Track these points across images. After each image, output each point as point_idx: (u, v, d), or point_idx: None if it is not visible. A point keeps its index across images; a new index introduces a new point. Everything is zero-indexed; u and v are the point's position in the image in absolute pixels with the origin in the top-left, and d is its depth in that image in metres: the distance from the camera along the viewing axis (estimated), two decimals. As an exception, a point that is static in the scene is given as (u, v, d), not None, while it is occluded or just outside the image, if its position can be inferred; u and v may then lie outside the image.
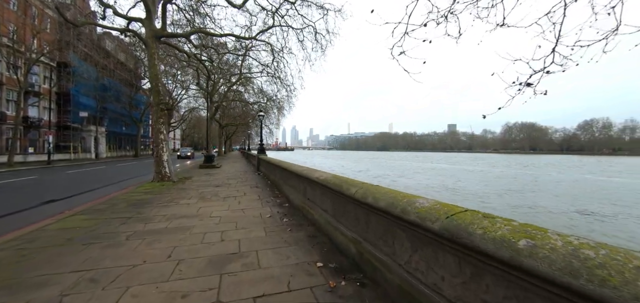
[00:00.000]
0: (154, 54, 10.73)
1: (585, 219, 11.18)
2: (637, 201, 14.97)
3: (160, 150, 10.37)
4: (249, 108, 41.57)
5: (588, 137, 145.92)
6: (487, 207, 12.30)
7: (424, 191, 17.29)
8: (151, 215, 5.20)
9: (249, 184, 9.63)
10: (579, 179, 25.42)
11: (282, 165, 7.30)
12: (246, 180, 10.95)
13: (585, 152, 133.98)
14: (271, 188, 8.52)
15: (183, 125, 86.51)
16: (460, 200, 13.77)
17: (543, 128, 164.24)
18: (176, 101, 58.81)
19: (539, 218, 11.22)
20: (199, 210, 5.64)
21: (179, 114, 71.93)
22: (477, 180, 24.15)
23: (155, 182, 9.95)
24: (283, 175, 7.33)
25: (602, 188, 19.58)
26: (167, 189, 8.46)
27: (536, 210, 12.69)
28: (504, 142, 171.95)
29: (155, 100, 10.59)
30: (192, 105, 59.59)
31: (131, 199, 6.92)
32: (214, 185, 9.34)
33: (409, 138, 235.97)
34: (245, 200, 6.73)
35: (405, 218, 2.00)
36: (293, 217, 5.03)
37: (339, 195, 3.36)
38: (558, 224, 10.29)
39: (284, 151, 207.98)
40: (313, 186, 4.51)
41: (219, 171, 15.08)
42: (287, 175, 6.73)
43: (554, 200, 14.83)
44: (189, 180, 10.74)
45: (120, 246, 3.57)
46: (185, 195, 7.46)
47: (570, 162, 59.63)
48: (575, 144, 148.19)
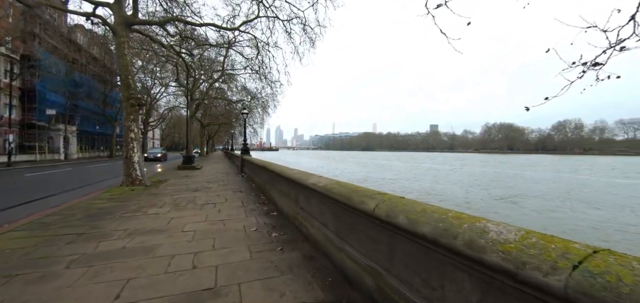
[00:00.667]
0: (123, 43, 9.59)
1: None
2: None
3: (130, 150, 9.25)
4: (232, 107, 40.21)
5: (561, 137, 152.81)
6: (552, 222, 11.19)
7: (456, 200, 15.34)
8: (109, 230, 4.25)
9: (232, 188, 8.71)
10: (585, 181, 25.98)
11: (269, 167, 6.46)
12: (228, 183, 10.01)
13: (559, 152, 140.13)
14: (256, 193, 7.65)
15: (163, 125, 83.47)
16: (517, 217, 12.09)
17: (520, 128, 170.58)
18: (155, 99, 56.55)
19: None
20: (170, 222, 4.72)
21: (158, 112, 69.27)
22: (494, 184, 24.00)
23: (124, 186, 8.84)
24: (270, 178, 6.50)
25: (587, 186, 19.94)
26: (136, 195, 7.42)
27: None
28: (484, 142, 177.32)
29: (125, 94, 9.46)
30: (172, 104, 57.42)
31: (91, 208, 5.89)
32: (191, 190, 8.36)
33: (392, 138, 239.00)
34: (227, 207, 5.85)
35: (476, 257, 1.27)
36: (284, 230, 4.23)
37: (345, 208, 2.60)
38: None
39: (269, 151, 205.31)
40: (308, 194, 3.73)
41: (199, 173, 13.98)
42: (275, 178, 5.92)
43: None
44: (164, 184, 9.67)
45: (54, 279, 2.66)
46: (157, 202, 6.49)
47: (550, 161, 61.79)
48: (550, 143, 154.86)
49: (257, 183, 8.84)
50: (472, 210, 12.40)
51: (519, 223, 1.57)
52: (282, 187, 5.33)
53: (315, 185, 3.32)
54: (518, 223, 1.48)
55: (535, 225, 8.06)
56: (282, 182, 5.21)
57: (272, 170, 6.04)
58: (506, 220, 1.83)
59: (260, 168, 8.29)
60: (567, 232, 9.17)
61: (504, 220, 1.73)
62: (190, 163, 16.52)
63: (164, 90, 50.86)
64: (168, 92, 49.84)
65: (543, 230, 1.28)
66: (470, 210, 12.56)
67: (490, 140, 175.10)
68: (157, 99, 57.66)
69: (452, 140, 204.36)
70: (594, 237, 9.07)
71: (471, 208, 13.03)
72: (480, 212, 12.27)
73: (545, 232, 1.23)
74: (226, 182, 10.37)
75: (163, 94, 53.36)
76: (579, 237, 6.84)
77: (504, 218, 10.98)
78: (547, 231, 1.27)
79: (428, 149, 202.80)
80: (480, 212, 12.29)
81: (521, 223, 1.73)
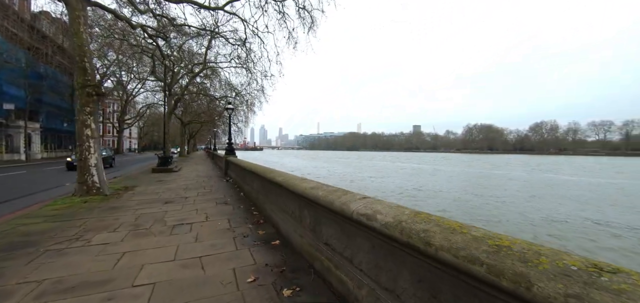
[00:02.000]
0: (78, 17, 7.70)
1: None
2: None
3: (85, 151, 7.39)
4: (214, 104, 37.98)
5: (538, 138, 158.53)
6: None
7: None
8: (11, 285, 2.58)
9: (214, 198, 7.05)
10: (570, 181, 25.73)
11: (265, 174, 4.89)
12: (210, 190, 8.32)
13: (535, 152, 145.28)
14: (246, 206, 6.05)
15: (140, 123, 79.24)
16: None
17: (500, 129, 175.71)
18: (131, 95, 52.99)
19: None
20: (118, 262, 3.08)
21: (135, 109, 65.26)
22: (498, 185, 23.28)
23: (76, 196, 7.00)
24: (266, 189, 4.95)
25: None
26: (87, 210, 5.65)
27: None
28: (465, 142, 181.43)
29: (79, 81, 7.58)
30: (149, 101, 54.10)
31: (14, 232, 4.15)
32: (163, 201, 6.63)
33: (377, 138, 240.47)
34: (208, 231, 4.23)
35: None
36: (299, 279, 2.69)
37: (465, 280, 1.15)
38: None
39: (253, 151, 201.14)
40: (350, 229, 2.21)
41: (176, 177, 12.13)
42: (274, 191, 4.37)
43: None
44: (129, 192, 7.86)
45: None
46: (111, 222, 4.77)
47: (532, 161, 63.04)
48: (527, 144, 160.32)
49: (247, 191, 7.22)
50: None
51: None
52: (286, 202, 3.80)
53: (369, 220, 1.82)
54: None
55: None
56: (289, 199, 3.68)
57: (269, 179, 4.47)
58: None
59: (250, 173, 6.68)
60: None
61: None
62: (166, 165, 14.58)
63: (141, 85, 47.79)
64: (146, 87, 46.78)
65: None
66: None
67: (471, 140, 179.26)
68: (134, 95, 54.21)
69: (434, 141, 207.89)
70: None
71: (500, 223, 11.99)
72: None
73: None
74: (208, 188, 8.67)
75: (140, 89, 50.16)
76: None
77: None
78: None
79: (411, 149, 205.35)
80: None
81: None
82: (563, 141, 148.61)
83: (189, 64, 24.27)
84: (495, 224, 10.56)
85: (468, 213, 12.15)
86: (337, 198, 2.34)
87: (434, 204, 13.97)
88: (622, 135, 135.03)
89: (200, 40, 22.66)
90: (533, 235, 9.35)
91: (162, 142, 71.88)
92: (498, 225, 10.54)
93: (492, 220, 11.02)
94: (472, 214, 11.89)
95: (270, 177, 4.42)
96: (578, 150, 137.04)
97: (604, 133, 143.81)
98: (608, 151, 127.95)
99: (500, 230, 8.17)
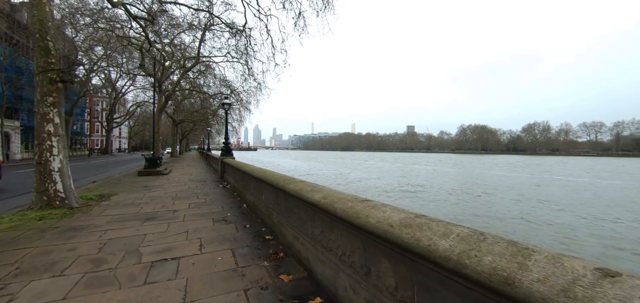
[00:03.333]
0: (39, -15, 6.17)
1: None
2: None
3: (45, 151, 5.85)
4: (208, 102, 36.28)
5: (530, 138, 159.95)
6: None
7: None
8: None
9: (211, 212, 5.59)
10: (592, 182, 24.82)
11: (284, 185, 3.45)
12: (205, 200, 6.84)
13: (528, 152, 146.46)
14: (253, 224, 4.62)
15: (130, 122, 76.81)
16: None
17: (493, 130, 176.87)
18: (120, 92, 50.77)
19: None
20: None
21: (124, 108, 62.92)
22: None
23: (33, 210, 5.47)
24: (285, 204, 3.54)
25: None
26: (35, 233, 4.15)
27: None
28: (459, 143, 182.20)
29: (39, 64, 6.02)
30: (140, 99, 51.93)
31: None
32: (143, 217, 5.14)
33: (371, 138, 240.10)
34: (203, 275, 2.79)
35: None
36: None
37: None
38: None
39: (247, 151, 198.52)
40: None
41: (165, 181, 10.59)
42: (303, 210, 2.96)
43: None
44: (103, 203, 6.34)
45: None
46: (62, 256, 3.29)
47: (529, 161, 62.69)
48: (520, 144, 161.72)
49: (251, 203, 5.77)
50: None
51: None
52: (331, 238, 2.40)
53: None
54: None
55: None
56: (337, 230, 2.27)
57: (294, 194, 3.05)
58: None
59: (257, 181, 5.24)
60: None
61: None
62: (154, 167, 13.00)
63: (131, 83, 45.71)
64: (136, 84, 44.77)
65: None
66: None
67: (465, 140, 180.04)
68: (123, 93, 51.93)
69: (428, 141, 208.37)
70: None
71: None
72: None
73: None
74: (202, 197, 7.19)
75: (130, 87, 48.02)
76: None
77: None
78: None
79: (406, 149, 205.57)
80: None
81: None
82: (555, 142, 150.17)
83: (181, 59, 22.65)
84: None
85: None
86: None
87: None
88: (612, 136, 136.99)
89: (193, 34, 21.09)
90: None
91: (153, 142, 68.86)
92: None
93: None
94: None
95: (296, 190, 2.99)
96: (570, 151, 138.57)
97: (595, 134, 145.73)
98: (599, 152, 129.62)
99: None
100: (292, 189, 3.11)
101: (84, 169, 18.60)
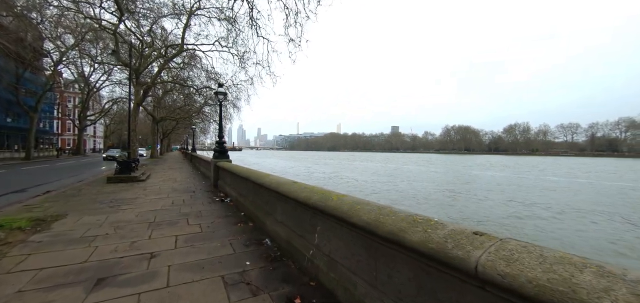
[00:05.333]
0: None
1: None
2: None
3: None
4: (192, 99, 33.34)
5: (511, 139, 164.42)
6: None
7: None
8: None
9: (215, 257, 3.33)
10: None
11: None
12: (200, 229, 4.54)
13: (509, 152, 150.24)
14: (296, 281, 2.48)
15: (106, 120, 71.56)
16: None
17: (476, 131, 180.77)
18: (94, 88, 46.44)
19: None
20: None
21: (99, 104, 57.83)
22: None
23: None
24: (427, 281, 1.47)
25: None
26: None
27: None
28: (443, 143, 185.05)
29: None
30: (116, 95, 47.71)
31: None
32: (88, 278, 2.86)
33: (357, 139, 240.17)
34: None
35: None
36: None
37: None
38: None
39: (232, 151, 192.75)
40: None
41: (141, 192, 8.15)
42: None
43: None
44: (34, 236, 3.96)
45: None
46: None
47: (514, 162, 63.19)
48: (501, 145, 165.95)
49: (281, 237, 3.59)
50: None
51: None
52: None
53: None
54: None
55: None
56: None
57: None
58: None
59: (294, 205, 3.08)
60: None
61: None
62: (128, 172, 10.47)
63: (106, 77, 41.75)
64: (112, 79, 40.89)
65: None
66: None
67: (449, 141, 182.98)
68: (98, 88, 47.45)
69: (413, 141, 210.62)
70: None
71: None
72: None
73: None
74: (194, 222, 4.91)
75: (105, 82, 43.84)
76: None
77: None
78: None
79: (391, 149, 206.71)
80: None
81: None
82: (534, 142, 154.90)
83: (162, 48, 19.91)
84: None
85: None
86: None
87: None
88: (587, 137, 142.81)
89: (177, 18, 18.44)
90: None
91: (128, 141, 62.90)
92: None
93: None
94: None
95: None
96: (549, 151, 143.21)
97: (572, 135, 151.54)
98: (576, 152, 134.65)
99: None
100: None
101: (43, 173, 15.59)
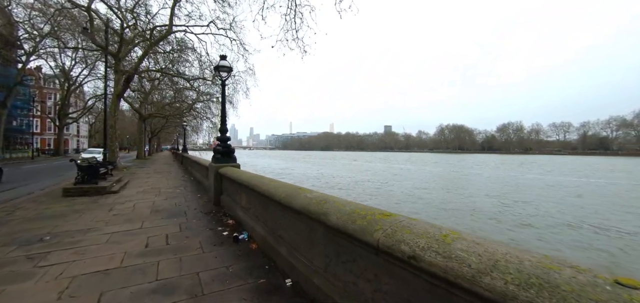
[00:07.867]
0: None
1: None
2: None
3: None
4: (182, 95, 30.30)
5: (505, 138, 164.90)
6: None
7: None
8: None
9: None
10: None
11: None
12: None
13: (503, 151, 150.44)
14: None
15: (90, 118, 67.21)
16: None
17: (470, 130, 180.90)
18: (75, 83, 42.56)
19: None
20: None
21: (82, 101, 53.44)
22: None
23: None
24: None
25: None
26: None
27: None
28: (436, 142, 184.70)
29: None
30: (101, 92, 43.85)
31: None
32: None
33: (351, 138, 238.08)
34: None
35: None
36: None
37: None
38: None
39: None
40: None
41: (103, 216, 5.38)
42: None
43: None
44: None
45: None
46: None
47: (510, 160, 61.84)
48: (495, 144, 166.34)
49: None
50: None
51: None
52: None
53: None
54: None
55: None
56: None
57: None
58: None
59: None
60: None
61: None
62: (93, 180, 7.64)
63: (88, 72, 38.04)
64: (95, 74, 37.20)
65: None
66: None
67: (443, 140, 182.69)
68: (80, 84, 43.49)
69: (407, 141, 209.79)
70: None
71: None
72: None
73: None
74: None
75: (87, 77, 39.99)
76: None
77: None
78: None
79: (385, 148, 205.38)
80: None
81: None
82: (527, 141, 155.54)
83: (147, 31, 16.95)
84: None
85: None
86: None
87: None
88: (579, 136, 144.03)
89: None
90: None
91: (122, 142, 57.41)
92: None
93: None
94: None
95: None
96: (543, 149, 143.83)
97: (564, 133, 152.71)
98: (569, 151, 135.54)
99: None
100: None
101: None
